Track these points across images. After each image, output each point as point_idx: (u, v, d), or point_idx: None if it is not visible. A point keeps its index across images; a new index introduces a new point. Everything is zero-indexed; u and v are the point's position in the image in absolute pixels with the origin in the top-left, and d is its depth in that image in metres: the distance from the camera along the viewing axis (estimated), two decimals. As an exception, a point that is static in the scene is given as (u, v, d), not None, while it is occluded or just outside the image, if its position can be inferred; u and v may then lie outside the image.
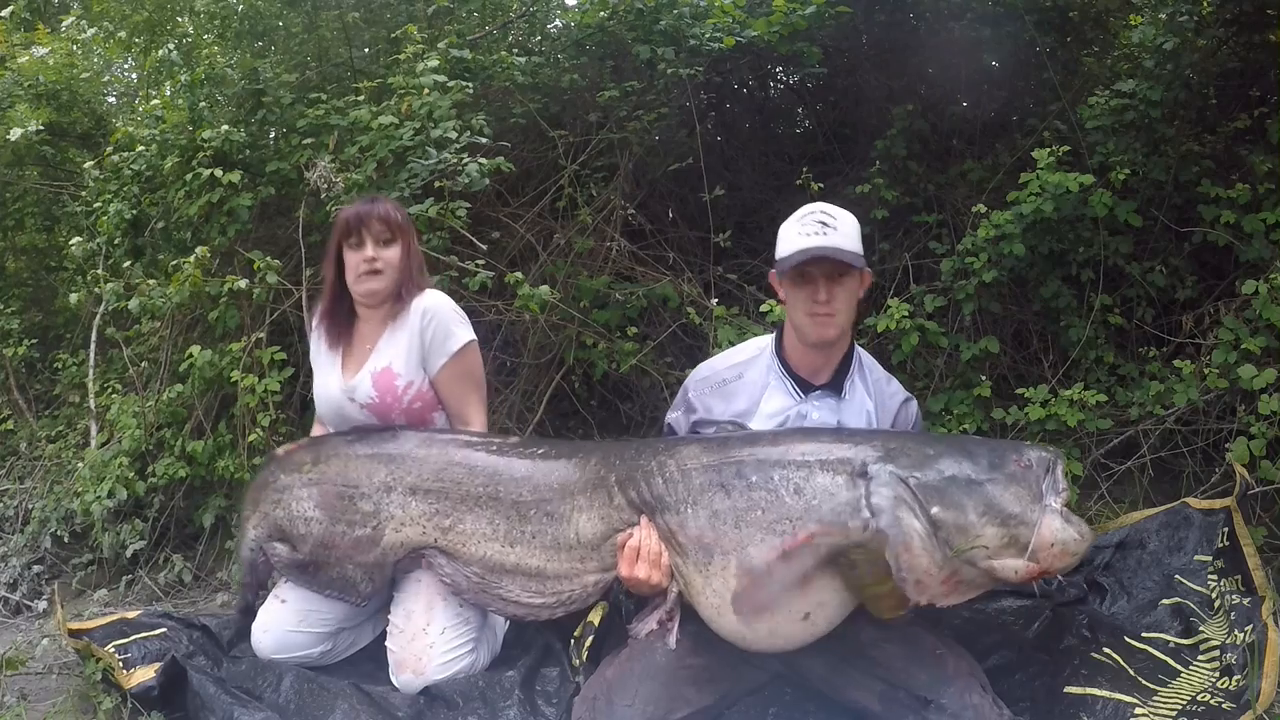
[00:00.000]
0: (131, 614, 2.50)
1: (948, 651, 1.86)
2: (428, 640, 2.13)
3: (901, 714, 1.79)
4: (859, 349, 2.11)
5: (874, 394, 2.07)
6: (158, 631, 2.37)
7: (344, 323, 2.37)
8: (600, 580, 2.00)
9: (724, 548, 1.82)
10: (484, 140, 3.05)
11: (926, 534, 1.68)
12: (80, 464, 3.30)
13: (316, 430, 2.54)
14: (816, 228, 1.97)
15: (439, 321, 2.27)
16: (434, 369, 2.29)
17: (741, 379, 2.07)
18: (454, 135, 2.97)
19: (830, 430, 1.94)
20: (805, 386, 2.04)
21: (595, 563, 1.99)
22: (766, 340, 2.14)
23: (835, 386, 2.05)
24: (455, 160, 2.93)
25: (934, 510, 1.69)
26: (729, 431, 2.00)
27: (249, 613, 2.36)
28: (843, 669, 1.90)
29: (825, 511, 1.74)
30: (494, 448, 2.18)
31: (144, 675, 2.15)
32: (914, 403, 2.15)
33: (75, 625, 2.39)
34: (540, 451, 2.14)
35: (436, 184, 2.97)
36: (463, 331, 2.31)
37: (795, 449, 1.84)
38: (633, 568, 1.88)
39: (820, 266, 1.95)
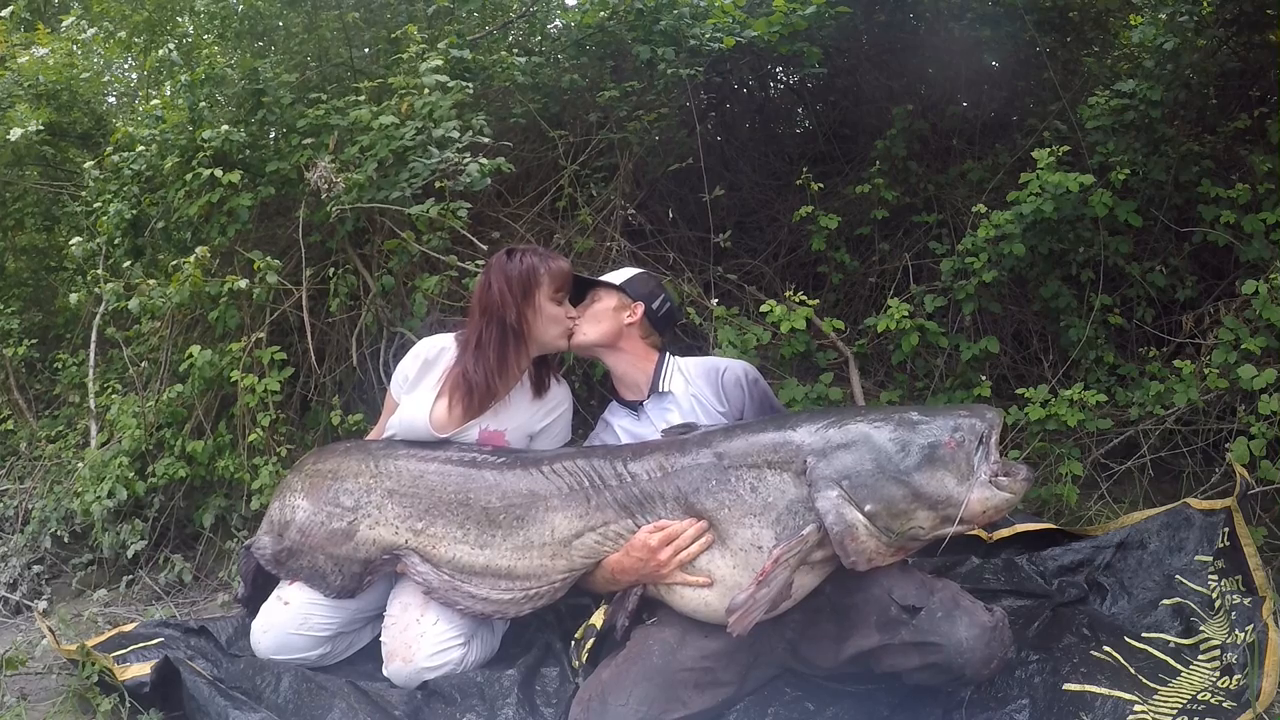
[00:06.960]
0: (128, 627, 2.48)
1: (935, 578, 1.96)
2: (419, 630, 2.16)
3: (895, 629, 1.86)
4: (670, 357, 2.41)
5: (691, 380, 2.34)
6: (155, 641, 2.36)
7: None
8: (568, 577, 2.12)
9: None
10: (485, 140, 3.05)
11: (868, 524, 1.84)
12: (80, 464, 3.29)
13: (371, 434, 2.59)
14: None
15: (565, 421, 2.47)
16: (536, 445, 2.42)
17: (608, 426, 2.42)
18: (456, 135, 2.97)
19: (772, 425, 2.06)
20: (635, 405, 2.36)
21: (564, 561, 2.11)
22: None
23: (654, 390, 2.34)
24: (458, 159, 2.93)
25: (867, 508, 1.84)
26: (677, 435, 2.16)
27: (244, 604, 2.44)
28: (849, 612, 1.96)
29: (781, 510, 1.91)
30: (469, 459, 2.24)
31: (138, 670, 2.16)
32: (734, 369, 2.33)
33: (70, 648, 2.37)
34: (513, 460, 2.22)
35: (437, 184, 2.97)
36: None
37: (745, 446, 2.00)
38: (660, 547, 1.96)
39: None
